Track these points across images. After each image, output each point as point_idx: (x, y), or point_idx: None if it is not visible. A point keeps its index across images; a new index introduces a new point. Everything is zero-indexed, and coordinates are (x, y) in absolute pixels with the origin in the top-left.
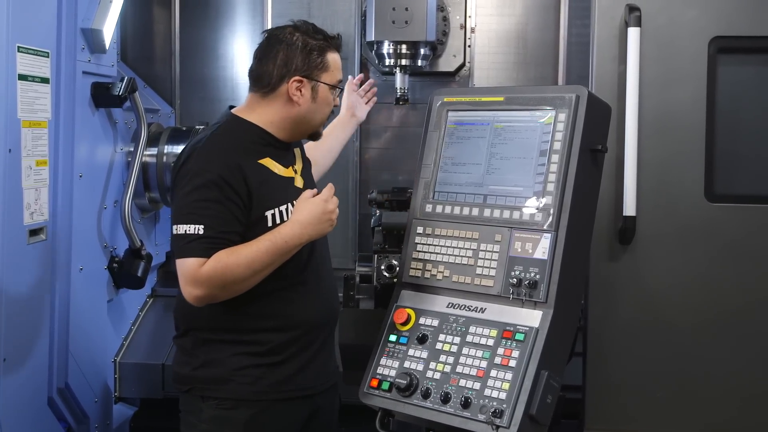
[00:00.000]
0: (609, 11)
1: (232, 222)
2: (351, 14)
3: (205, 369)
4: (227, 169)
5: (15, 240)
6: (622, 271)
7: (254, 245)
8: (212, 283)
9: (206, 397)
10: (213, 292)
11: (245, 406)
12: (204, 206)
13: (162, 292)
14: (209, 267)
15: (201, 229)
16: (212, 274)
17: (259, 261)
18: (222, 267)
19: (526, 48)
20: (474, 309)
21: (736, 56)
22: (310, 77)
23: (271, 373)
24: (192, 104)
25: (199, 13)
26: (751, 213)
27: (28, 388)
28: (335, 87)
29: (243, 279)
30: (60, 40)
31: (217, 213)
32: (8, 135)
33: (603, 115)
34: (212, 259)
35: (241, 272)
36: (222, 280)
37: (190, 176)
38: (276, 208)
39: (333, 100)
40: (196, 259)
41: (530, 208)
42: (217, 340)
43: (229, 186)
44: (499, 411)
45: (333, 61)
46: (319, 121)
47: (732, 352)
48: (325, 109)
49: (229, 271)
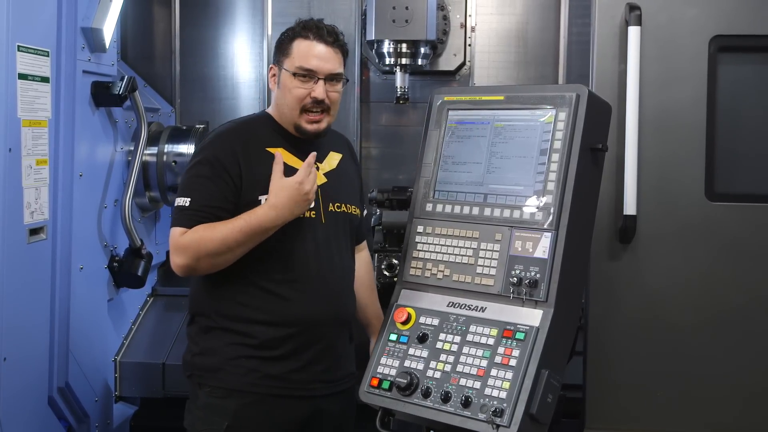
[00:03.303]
0: (609, 10)
1: (218, 198)
2: (351, 13)
3: (203, 357)
4: (222, 150)
5: (15, 239)
6: (622, 270)
7: (230, 223)
8: (188, 253)
9: (202, 384)
10: (189, 262)
11: (236, 396)
12: (195, 182)
13: (162, 291)
14: (187, 237)
15: (188, 201)
16: (189, 243)
17: (232, 238)
18: (198, 238)
19: (527, 47)
20: (474, 308)
21: (737, 55)
22: (277, 64)
23: (264, 367)
24: (192, 103)
25: (199, 12)
26: (752, 212)
27: (29, 387)
28: (294, 74)
29: (217, 253)
30: (60, 39)
31: (205, 188)
32: (8, 134)
33: (603, 114)
34: (191, 230)
35: (214, 246)
36: (196, 250)
37: (194, 155)
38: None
39: (297, 87)
40: (180, 229)
41: (530, 207)
42: (218, 328)
43: (221, 165)
44: (500, 410)
45: (298, 47)
46: (287, 108)
47: (733, 351)
48: (287, 95)
49: (203, 243)
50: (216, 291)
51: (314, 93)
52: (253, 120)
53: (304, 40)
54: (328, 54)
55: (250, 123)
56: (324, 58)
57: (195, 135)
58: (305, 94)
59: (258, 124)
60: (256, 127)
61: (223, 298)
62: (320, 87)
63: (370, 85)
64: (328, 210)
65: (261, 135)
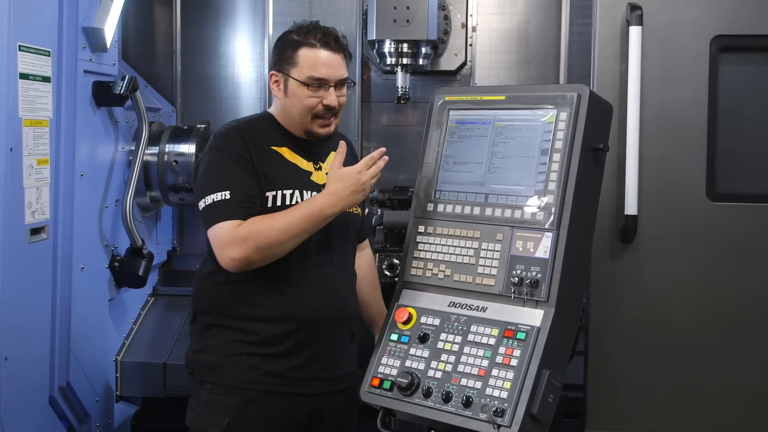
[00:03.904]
0: (610, 10)
1: (255, 188)
2: (352, 13)
3: (204, 354)
4: (239, 145)
5: (16, 239)
6: (623, 270)
7: (290, 212)
8: (248, 244)
9: (203, 381)
10: (248, 254)
11: (236, 393)
12: (227, 176)
13: (163, 291)
14: (246, 227)
15: (227, 194)
16: (248, 234)
17: (294, 226)
18: (257, 228)
19: (528, 47)
20: (475, 308)
21: (738, 55)
22: (282, 71)
23: (264, 364)
24: (193, 103)
25: (200, 12)
26: (753, 212)
27: (30, 387)
28: (305, 84)
29: (278, 243)
30: (61, 39)
31: (241, 179)
32: (9, 134)
33: (604, 113)
34: (248, 221)
35: (275, 235)
36: (257, 240)
37: (211, 154)
38: (279, 191)
39: (309, 96)
40: (231, 222)
41: (532, 207)
42: (219, 326)
43: (244, 158)
44: (501, 410)
45: (305, 57)
46: (297, 115)
47: (733, 351)
48: (297, 104)
49: (264, 233)
50: (217, 289)
51: (326, 101)
52: (256, 120)
53: (310, 49)
54: (336, 60)
55: (254, 122)
56: (332, 65)
57: (196, 135)
58: (317, 103)
59: (261, 123)
60: (260, 126)
61: (224, 295)
62: (332, 94)
63: (371, 85)
64: None
65: (266, 133)
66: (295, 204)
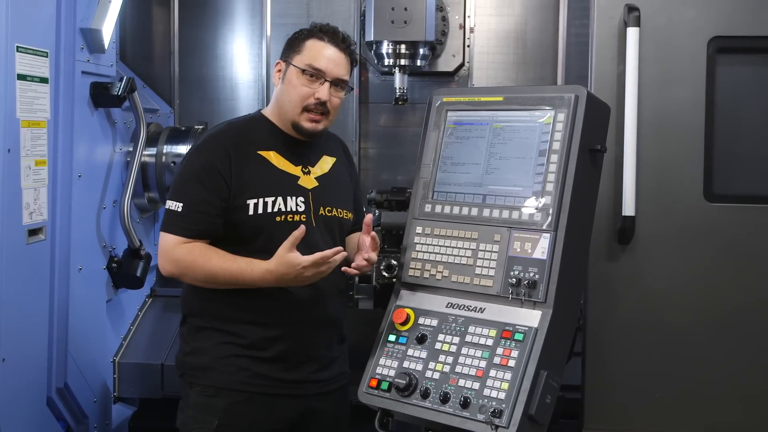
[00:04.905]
0: (608, 11)
1: (210, 203)
2: (350, 14)
3: (193, 356)
4: (215, 152)
5: (14, 240)
6: (621, 271)
7: (228, 262)
8: (178, 267)
9: (193, 383)
10: (176, 274)
11: (226, 394)
12: (187, 185)
13: (161, 292)
14: (183, 251)
15: (180, 207)
16: (180, 260)
17: (222, 277)
18: (191, 261)
19: (525, 48)
20: (473, 309)
21: (735, 56)
22: (285, 60)
23: (254, 366)
24: (191, 104)
25: (198, 13)
26: (750, 213)
27: (27, 388)
28: (304, 70)
29: (202, 281)
30: (59, 40)
31: (198, 192)
32: (7, 135)
33: (602, 115)
34: (190, 245)
35: (201, 276)
36: (185, 270)
37: (186, 157)
38: (261, 198)
39: (303, 85)
40: (173, 237)
41: (529, 208)
42: (208, 328)
43: (215, 168)
44: (499, 411)
45: (310, 46)
46: (289, 103)
47: (731, 351)
48: (291, 91)
49: (194, 267)
50: (206, 292)
51: (318, 94)
52: (247, 121)
53: (318, 41)
54: (339, 58)
55: (244, 124)
56: (334, 61)
57: (194, 136)
58: (309, 94)
59: (252, 125)
60: (250, 129)
61: (213, 299)
62: (325, 89)
63: (368, 86)
64: (318, 214)
65: (254, 137)
66: (277, 212)
